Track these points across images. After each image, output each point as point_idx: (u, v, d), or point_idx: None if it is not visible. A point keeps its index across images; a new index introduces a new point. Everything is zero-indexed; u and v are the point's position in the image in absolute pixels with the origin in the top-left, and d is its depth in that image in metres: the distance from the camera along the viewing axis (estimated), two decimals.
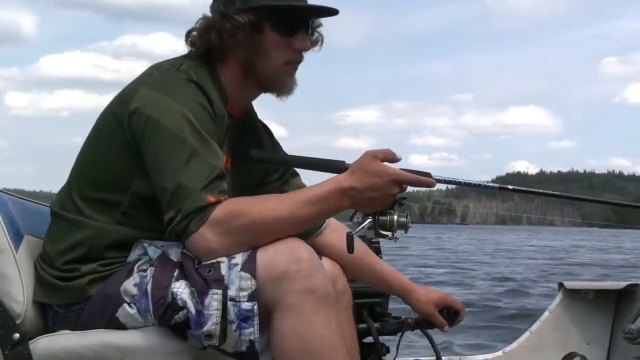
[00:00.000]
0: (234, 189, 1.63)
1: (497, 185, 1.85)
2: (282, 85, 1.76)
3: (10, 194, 1.81)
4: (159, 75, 1.66)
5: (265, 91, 1.79)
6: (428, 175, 1.65)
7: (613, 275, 13.10)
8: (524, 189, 1.93)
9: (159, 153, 1.56)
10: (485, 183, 1.84)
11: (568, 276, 13.21)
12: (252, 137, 1.87)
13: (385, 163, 1.58)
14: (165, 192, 1.54)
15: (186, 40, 1.75)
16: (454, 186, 1.87)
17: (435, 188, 1.76)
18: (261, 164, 1.87)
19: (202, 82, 1.65)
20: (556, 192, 2.07)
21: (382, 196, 1.58)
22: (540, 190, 1.97)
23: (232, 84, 1.74)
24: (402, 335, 2.29)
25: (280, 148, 1.97)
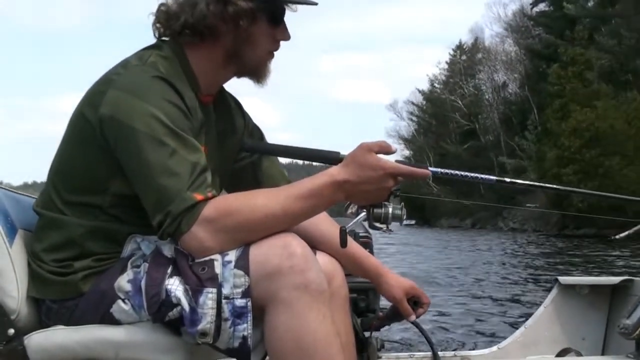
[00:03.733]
0: (212, 172, 1.61)
1: (494, 177, 1.84)
2: (263, 73, 1.76)
3: (3, 188, 1.80)
4: (127, 74, 1.60)
5: (241, 76, 1.78)
6: (424, 167, 1.64)
7: None
8: (521, 181, 1.93)
9: (136, 158, 1.53)
10: (482, 176, 1.83)
11: None
12: (224, 119, 1.85)
13: (380, 155, 1.57)
14: (149, 197, 1.53)
15: (162, 27, 1.71)
16: None
17: None
18: (254, 153, 1.87)
19: (172, 76, 1.61)
20: (552, 185, 2.07)
21: (377, 189, 1.57)
22: (538, 184, 1.96)
23: (208, 69, 1.72)
24: (372, 330, 2.28)
25: (251, 120, 1.95)
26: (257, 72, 1.76)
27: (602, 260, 14.58)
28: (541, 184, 1.97)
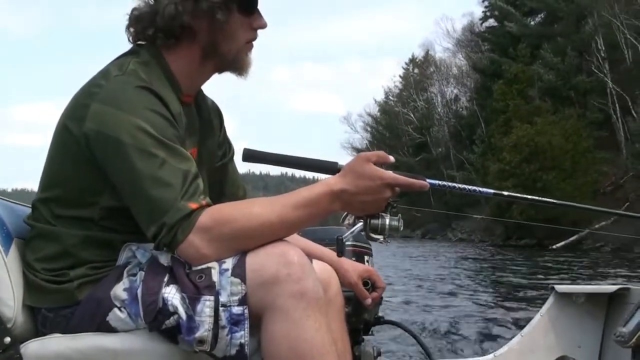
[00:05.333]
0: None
1: (492, 191, 1.84)
2: (244, 64, 1.74)
3: None
4: (109, 86, 1.58)
5: (222, 72, 1.77)
6: (421, 179, 1.64)
7: None
8: (519, 195, 1.93)
9: (126, 172, 1.52)
10: (480, 188, 1.83)
11: None
12: (204, 119, 1.85)
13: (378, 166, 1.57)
14: (142, 209, 1.53)
15: (136, 32, 1.70)
16: None
17: None
18: (253, 161, 1.87)
19: (154, 83, 1.60)
20: (552, 200, 2.06)
21: (375, 200, 1.57)
22: (536, 198, 1.96)
23: (187, 69, 1.71)
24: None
25: (224, 123, 1.95)
26: (238, 65, 1.74)
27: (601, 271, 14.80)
28: (538, 198, 1.97)
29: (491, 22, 53.20)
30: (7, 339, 1.59)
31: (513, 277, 13.29)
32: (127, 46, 1.74)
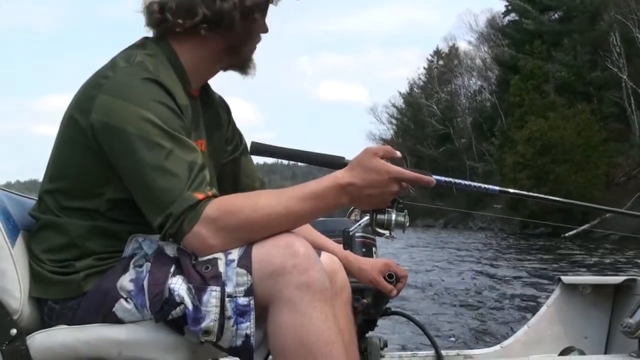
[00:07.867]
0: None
1: (497, 188, 1.83)
2: (251, 65, 1.78)
3: (5, 190, 1.80)
4: (115, 77, 1.58)
5: (228, 70, 1.78)
6: (428, 174, 1.63)
7: None
8: (525, 193, 1.92)
9: (132, 162, 1.53)
10: (486, 186, 1.82)
11: None
12: (210, 112, 1.85)
13: (385, 161, 1.57)
14: (148, 200, 1.53)
15: (160, 19, 1.67)
16: None
17: None
18: (260, 155, 1.88)
19: (161, 75, 1.60)
20: (558, 198, 2.05)
21: (381, 194, 1.57)
22: (541, 195, 1.95)
23: (201, 64, 1.71)
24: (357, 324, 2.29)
25: (232, 117, 1.96)
26: (247, 65, 1.78)
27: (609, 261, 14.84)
28: (543, 196, 1.96)
29: (513, 15, 53.51)
30: (14, 331, 1.59)
31: (521, 267, 13.30)
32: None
